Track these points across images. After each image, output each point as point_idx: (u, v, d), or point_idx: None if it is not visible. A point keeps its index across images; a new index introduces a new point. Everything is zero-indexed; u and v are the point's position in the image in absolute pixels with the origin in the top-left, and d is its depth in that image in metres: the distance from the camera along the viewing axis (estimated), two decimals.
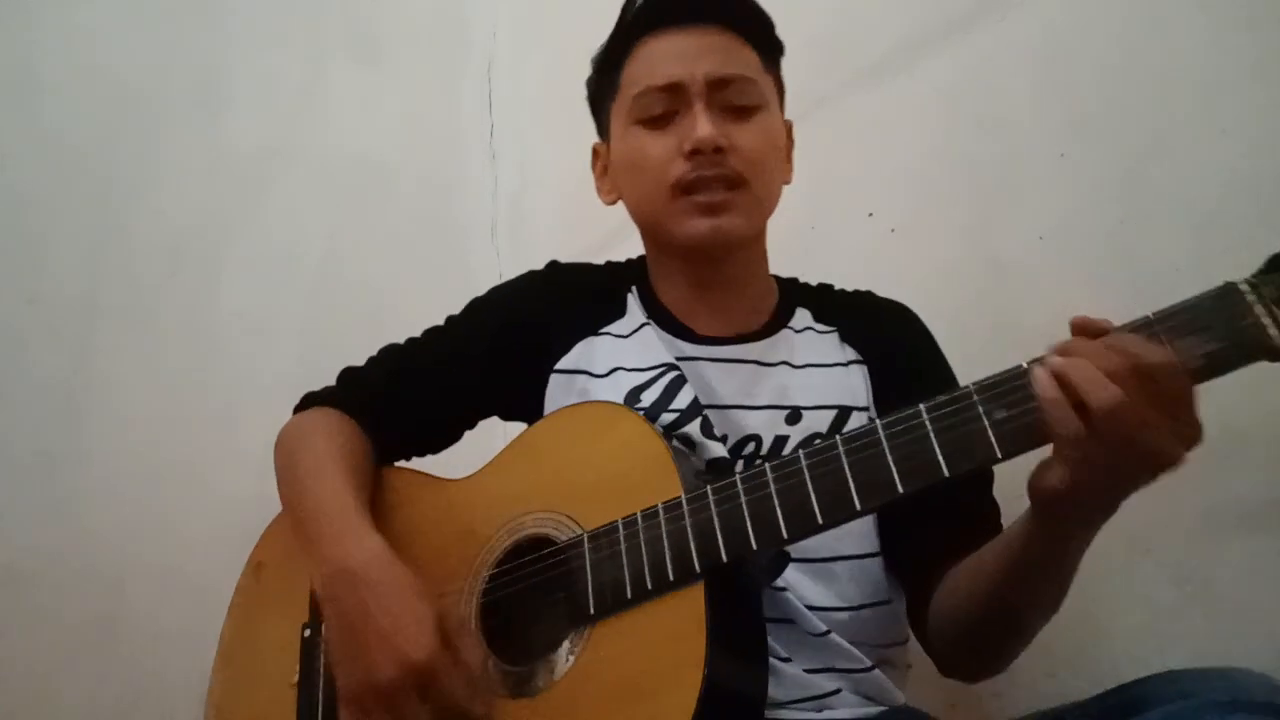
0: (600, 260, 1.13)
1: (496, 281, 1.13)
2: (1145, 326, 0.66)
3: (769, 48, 1.02)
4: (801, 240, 1.47)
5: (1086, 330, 0.67)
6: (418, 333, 1.10)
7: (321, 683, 0.89)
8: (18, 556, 1.83)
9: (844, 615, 0.87)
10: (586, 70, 1.09)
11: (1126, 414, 0.62)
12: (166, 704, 1.66)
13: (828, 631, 0.85)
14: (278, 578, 1.00)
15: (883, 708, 0.87)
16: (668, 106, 0.95)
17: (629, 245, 1.14)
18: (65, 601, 1.79)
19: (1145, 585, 1.09)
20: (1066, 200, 1.24)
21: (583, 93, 1.10)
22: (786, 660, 0.84)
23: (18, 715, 1.73)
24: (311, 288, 1.96)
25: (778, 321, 1.02)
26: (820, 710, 0.83)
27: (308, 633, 0.93)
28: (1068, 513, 0.70)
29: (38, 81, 2.19)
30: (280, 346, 1.91)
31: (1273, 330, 0.62)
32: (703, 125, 0.92)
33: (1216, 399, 1.07)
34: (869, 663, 0.87)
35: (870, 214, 1.41)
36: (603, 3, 1.15)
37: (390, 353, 1.07)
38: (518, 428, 1.00)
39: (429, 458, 1.10)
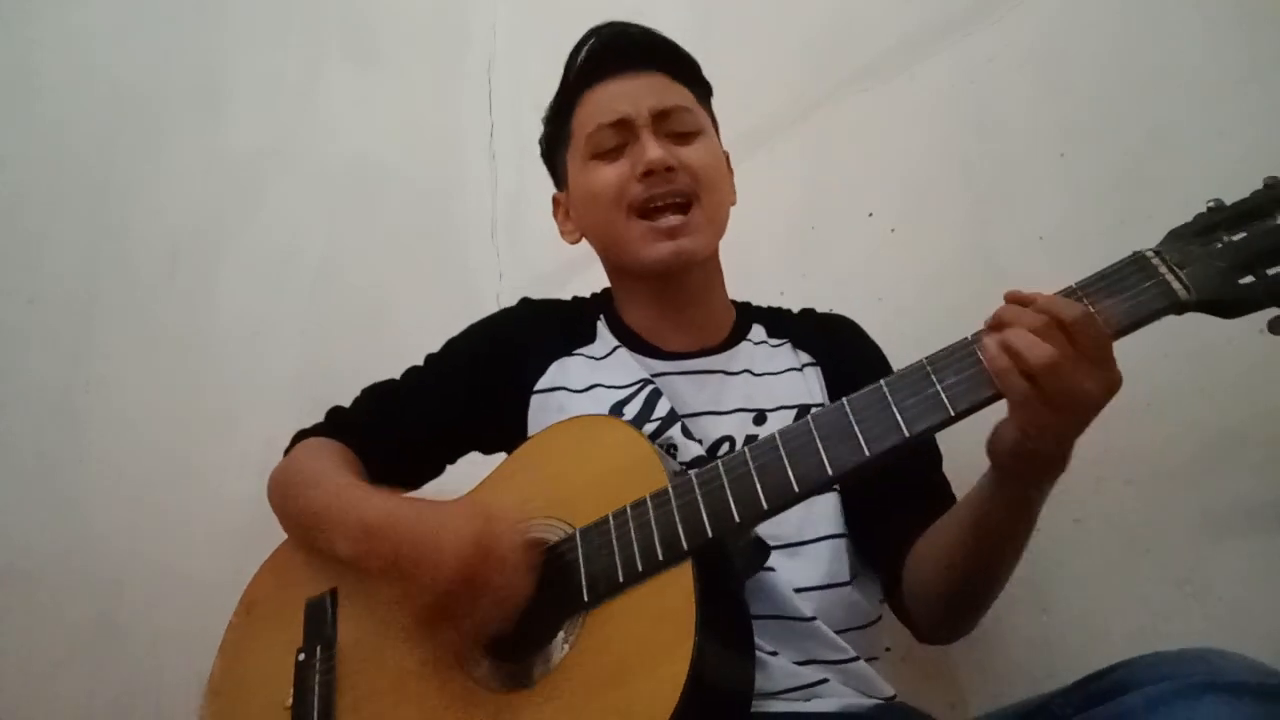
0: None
1: (496, 282, 1.14)
2: (1071, 294, 0.75)
3: (699, 86, 1.12)
4: (801, 240, 1.47)
5: (1019, 300, 0.76)
6: (414, 334, 1.13)
7: (316, 702, 0.90)
8: (17, 556, 1.83)
9: (820, 593, 0.92)
10: None
11: (1059, 366, 0.70)
12: (164, 703, 1.67)
13: (813, 618, 0.89)
14: (269, 610, 1.01)
15: (874, 700, 0.89)
16: (619, 140, 1.05)
17: None
18: (65, 601, 1.79)
19: (1145, 585, 1.09)
20: (1065, 201, 1.24)
21: None
22: (773, 654, 0.87)
23: (17, 714, 1.73)
24: (310, 288, 1.96)
25: (737, 335, 1.10)
26: (809, 699, 0.86)
27: (301, 656, 0.94)
28: (1024, 468, 0.78)
29: (38, 81, 2.19)
30: (279, 347, 1.91)
31: (1176, 286, 0.73)
32: (652, 148, 1.02)
33: (1216, 400, 1.09)
34: (853, 653, 0.90)
35: (870, 214, 1.41)
36: (603, 1, 1.15)
37: (373, 391, 1.13)
38: (498, 459, 1.01)
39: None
